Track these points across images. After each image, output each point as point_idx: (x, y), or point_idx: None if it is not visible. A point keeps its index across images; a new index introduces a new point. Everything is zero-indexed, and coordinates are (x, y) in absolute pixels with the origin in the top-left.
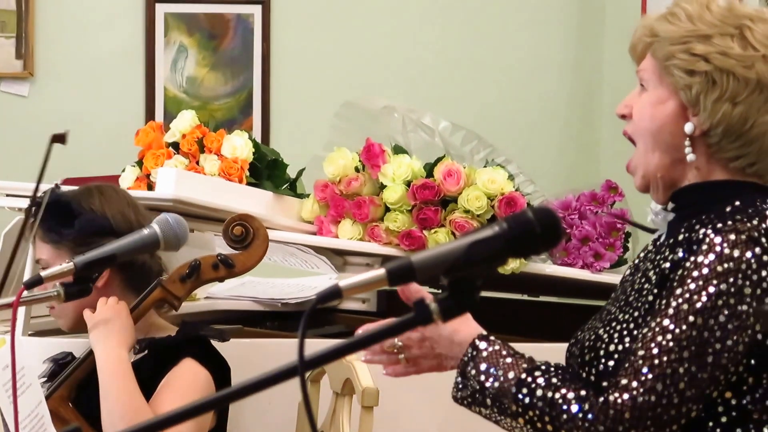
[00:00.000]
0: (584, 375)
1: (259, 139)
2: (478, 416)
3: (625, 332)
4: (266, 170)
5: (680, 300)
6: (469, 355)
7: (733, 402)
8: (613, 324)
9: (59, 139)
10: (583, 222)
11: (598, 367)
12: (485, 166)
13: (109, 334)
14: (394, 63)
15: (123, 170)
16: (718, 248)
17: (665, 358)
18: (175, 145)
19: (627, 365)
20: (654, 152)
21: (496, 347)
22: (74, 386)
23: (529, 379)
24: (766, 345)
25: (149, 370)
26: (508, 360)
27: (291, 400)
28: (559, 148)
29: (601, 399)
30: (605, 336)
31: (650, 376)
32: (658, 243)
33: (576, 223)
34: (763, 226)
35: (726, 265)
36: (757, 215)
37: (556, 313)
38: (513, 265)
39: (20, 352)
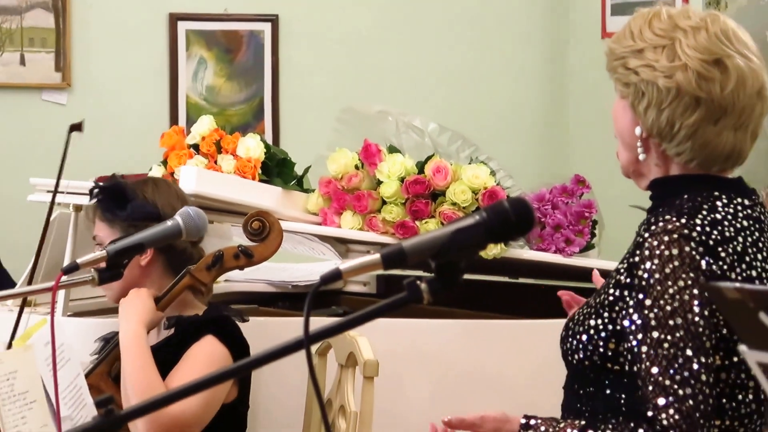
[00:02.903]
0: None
1: (270, 141)
2: (467, 386)
3: (584, 315)
4: (276, 168)
5: (656, 311)
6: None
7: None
8: (583, 306)
9: (76, 128)
10: (555, 212)
11: (564, 345)
12: (470, 163)
13: (131, 314)
14: (388, 73)
15: (150, 169)
16: (657, 251)
17: (676, 364)
18: (196, 147)
19: (650, 386)
20: (624, 151)
21: (540, 426)
22: (113, 363)
23: None
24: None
25: (175, 346)
26: (561, 424)
27: (302, 372)
28: (533, 146)
29: (657, 428)
30: (575, 316)
31: (675, 386)
32: None
33: (549, 212)
34: (692, 222)
35: (672, 265)
36: (687, 212)
37: (533, 293)
38: (495, 251)
39: (60, 330)
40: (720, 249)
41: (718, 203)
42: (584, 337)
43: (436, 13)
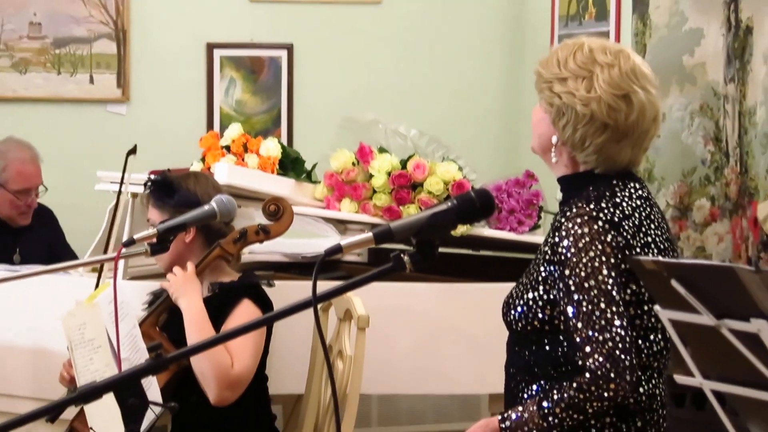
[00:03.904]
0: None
1: (285, 143)
2: (439, 335)
3: (521, 291)
4: (290, 165)
5: (573, 278)
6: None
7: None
8: (518, 285)
9: (132, 152)
10: (510, 199)
11: (507, 318)
12: (442, 161)
13: (188, 292)
14: (378, 89)
15: (191, 165)
16: (572, 231)
17: (594, 318)
18: (227, 148)
19: (578, 338)
20: (539, 149)
21: (510, 415)
22: (159, 315)
23: (544, 403)
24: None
25: (217, 305)
26: (525, 404)
27: (309, 324)
28: (493, 147)
29: (587, 375)
30: (514, 292)
31: (596, 334)
32: None
33: (505, 200)
34: (599, 206)
35: (583, 240)
36: (594, 200)
37: (491, 262)
38: (462, 230)
39: (120, 291)
40: (623, 224)
41: (617, 189)
42: (525, 309)
43: (417, 42)
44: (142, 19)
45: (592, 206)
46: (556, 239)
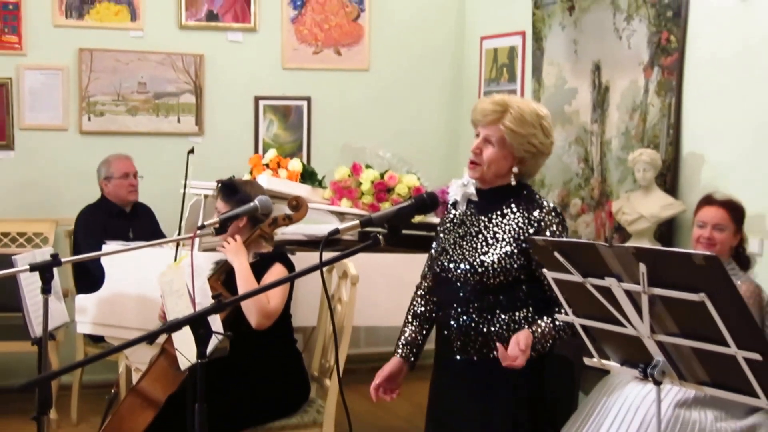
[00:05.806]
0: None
1: (305, 162)
2: (403, 288)
3: (469, 252)
4: (308, 176)
5: None
6: (535, 338)
7: None
8: (459, 250)
9: (191, 151)
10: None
11: (448, 273)
12: (407, 174)
13: (238, 256)
14: (366, 126)
15: (243, 176)
16: (553, 221)
17: None
18: (267, 165)
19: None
20: (492, 176)
21: (536, 329)
22: (221, 274)
23: (558, 322)
24: None
25: (259, 267)
26: (537, 324)
27: (318, 281)
28: (440, 164)
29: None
30: (451, 256)
31: None
32: (457, 209)
33: (447, 198)
34: (553, 203)
35: (560, 227)
36: (540, 198)
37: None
38: (419, 218)
39: (196, 259)
40: (562, 214)
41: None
42: (502, 269)
43: (392, 96)
44: (212, 80)
45: (552, 204)
46: (542, 224)
